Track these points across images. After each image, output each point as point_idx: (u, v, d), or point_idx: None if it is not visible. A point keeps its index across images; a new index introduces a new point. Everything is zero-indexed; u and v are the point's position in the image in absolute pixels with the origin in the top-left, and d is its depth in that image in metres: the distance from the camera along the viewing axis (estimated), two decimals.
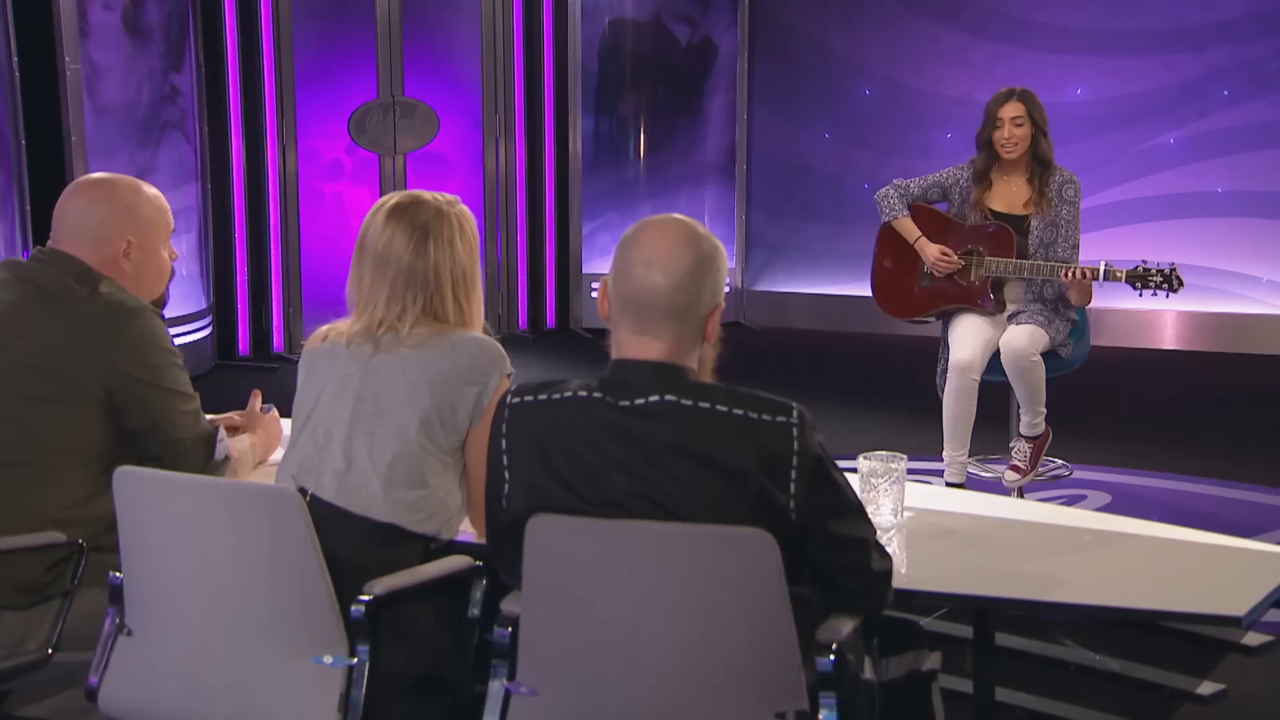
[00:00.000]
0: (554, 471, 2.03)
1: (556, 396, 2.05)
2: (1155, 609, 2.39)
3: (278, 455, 2.96)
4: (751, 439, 1.95)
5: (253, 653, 2.24)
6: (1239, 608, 2.22)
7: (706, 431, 1.96)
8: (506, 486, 2.10)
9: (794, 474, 1.96)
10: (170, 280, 2.82)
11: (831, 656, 1.96)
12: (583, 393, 2.03)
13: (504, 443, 2.10)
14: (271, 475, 2.59)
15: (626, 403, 1.99)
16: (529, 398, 2.08)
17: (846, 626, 2.02)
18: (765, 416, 1.96)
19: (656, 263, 2.01)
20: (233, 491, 2.31)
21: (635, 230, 2.07)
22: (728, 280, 9.40)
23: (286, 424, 3.01)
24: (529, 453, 2.05)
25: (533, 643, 2.06)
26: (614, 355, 2.07)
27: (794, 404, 1.99)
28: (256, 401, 3.04)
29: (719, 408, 1.97)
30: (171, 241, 2.80)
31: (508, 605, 2.14)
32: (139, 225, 2.70)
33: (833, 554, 2.04)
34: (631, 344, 2.04)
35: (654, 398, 1.98)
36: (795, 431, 1.96)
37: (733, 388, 2.01)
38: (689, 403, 1.97)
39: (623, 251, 2.06)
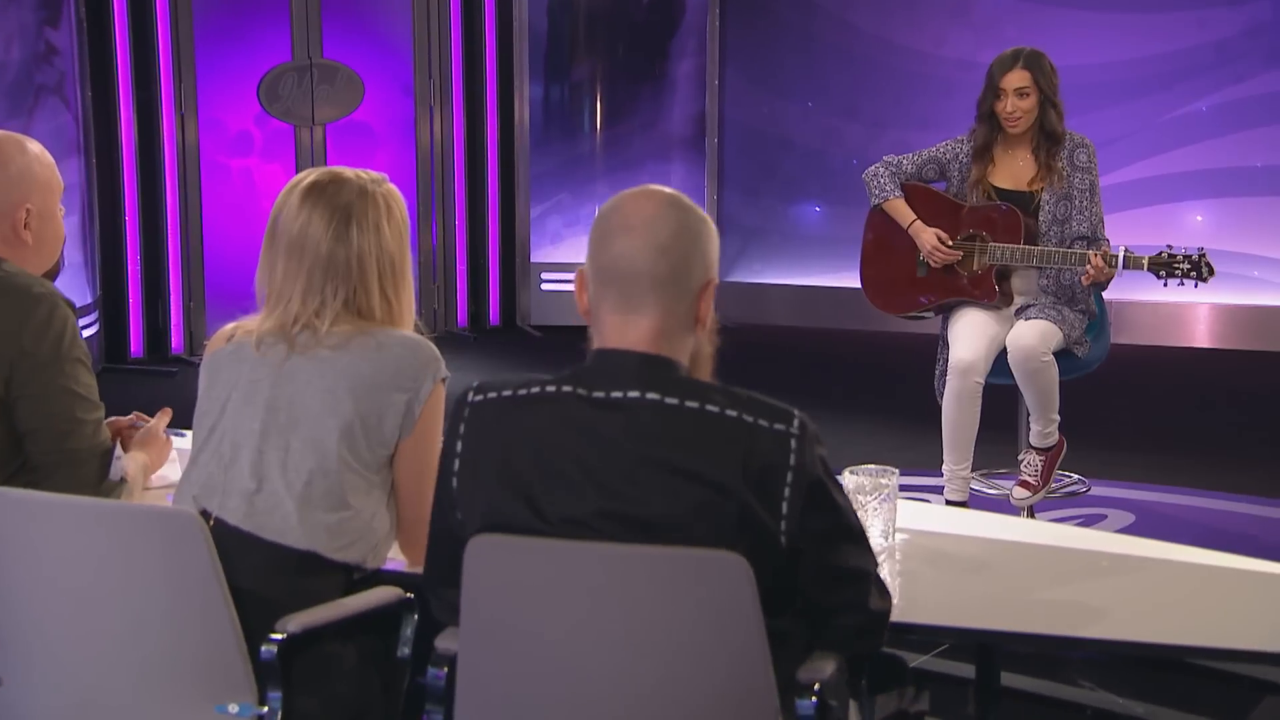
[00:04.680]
0: (515, 483, 2.03)
1: (523, 393, 2.06)
2: (1184, 644, 2.42)
3: (170, 476, 2.94)
4: (741, 446, 1.96)
5: (146, 702, 2.23)
6: (1278, 643, 2.25)
7: (689, 435, 1.97)
8: (458, 504, 2.10)
9: (787, 491, 1.97)
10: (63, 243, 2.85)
11: (813, 699, 1.98)
12: (551, 388, 2.04)
13: (459, 445, 2.09)
14: (161, 497, 2.58)
15: (601, 394, 2.01)
16: (492, 394, 2.08)
17: (830, 665, 2.04)
18: (761, 422, 1.98)
19: (638, 226, 2.03)
20: (123, 515, 2.30)
21: (612, 201, 2.09)
22: None
23: (179, 440, 3.00)
24: (489, 461, 2.05)
25: (472, 684, 2.07)
26: (595, 345, 2.07)
27: (796, 412, 2.00)
28: (164, 420, 3.00)
29: (708, 408, 1.98)
30: None
31: (444, 642, 2.14)
32: (36, 190, 2.73)
33: (826, 586, 2.05)
34: (615, 327, 2.04)
35: (633, 393, 1.99)
36: (793, 443, 1.98)
37: (728, 387, 2.02)
38: (674, 401, 1.99)
39: (600, 223, 2.08)
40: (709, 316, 2.07)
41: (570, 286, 9.36)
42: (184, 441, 3.01)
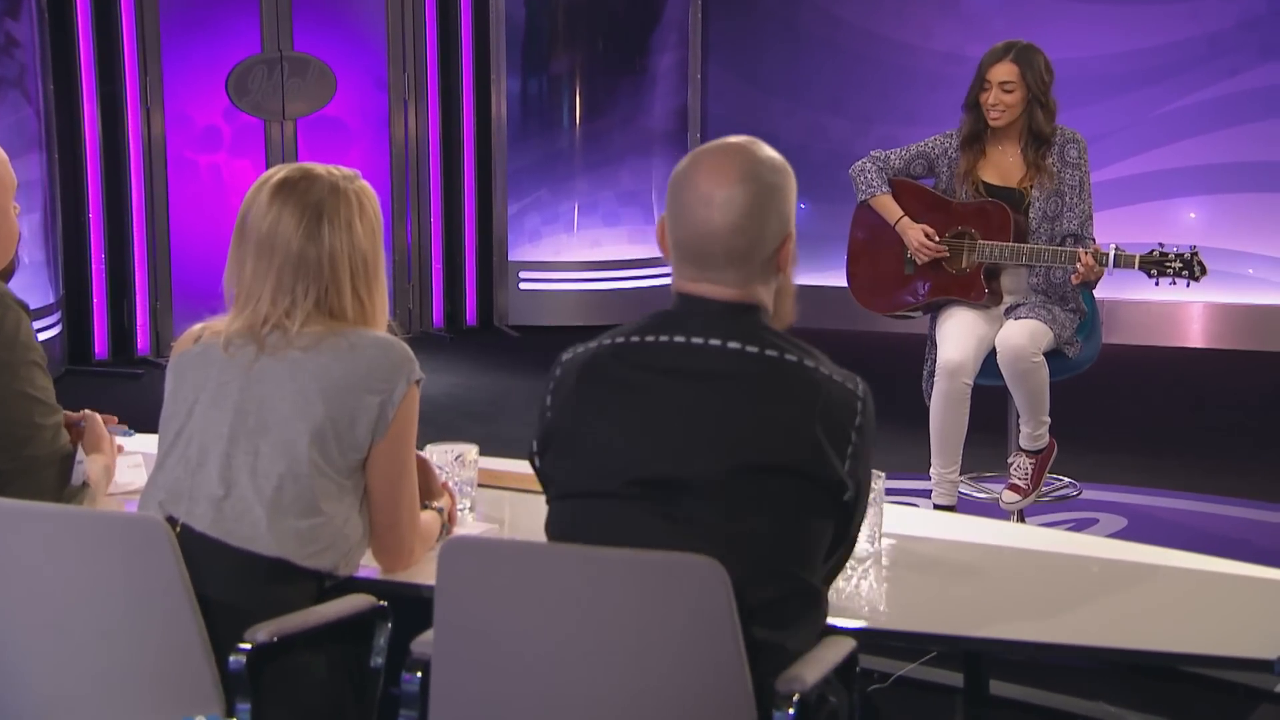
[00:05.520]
0: (593, 440, 2.12)
1: (608, 342, 2.16)
2: (1177, 651, 2.43)
3: (133, 482, 2.93)
4: (817, 396, 2.10)
5: (110, 714, 2.22)
6: (1273, 650, 2.26)
7: (768, 384, 2.09)
8: (540, 459, 2.20)
9: (850, 449, 2.11)
10: (19, 242, 2.82)
11: (791, 710, 1.99)
12: (635, 337, 2.15)
13: (549, 400, 2.20)
14: (119, 504, 2.58)
15: (683, 339, 2.11)
16: (580, 349, 2.20)
17: (812, 673, 2.05)
18: (835, 377, 2.14)
19: (713, 202, 2.12)
20: (87, 521, 2.29)
21: (687, 164, 2.17)
22: None
23: (142, 442, 2.99)
24: (572, 420, 2.15)
25: (446, 689, 2.07)
26: (676, 289, 2.19)
27: (858, 378, 2.19)
28: (99, 421, 2.98)
29: (787, 357, 2.12)
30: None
31: (419, 646, 2.16)
32: None
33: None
34: (694, 288, 2.16)
35: (715, 341, 2.11)
36: (859, 404, 2.14)
37: (804, 343, 2.17)
38: (754, 350, 2.11)
39: (675, 191, 2.16)
40: (789, 262, 2.19)
41: (550, 286, 9.38)
42: (134, 444, 3.00)
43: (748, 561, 2.01)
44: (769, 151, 2.18)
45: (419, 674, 2.13)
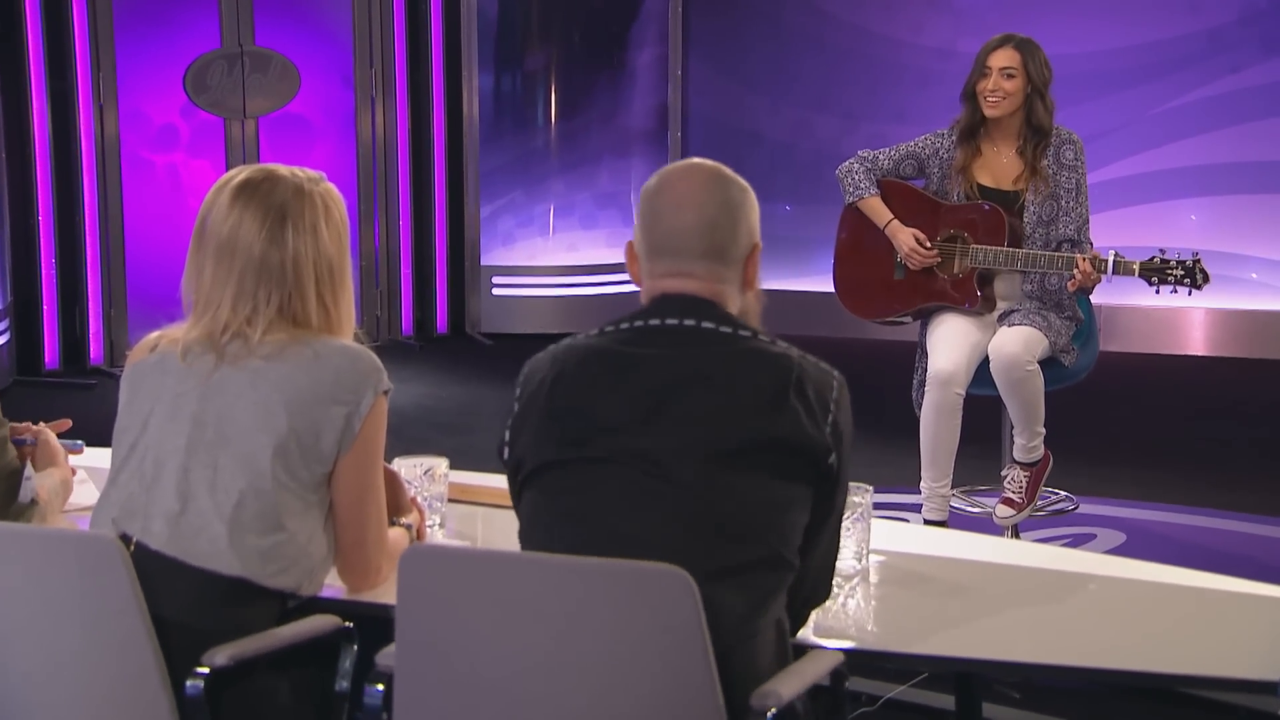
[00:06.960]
0: (566, 412, 2.21)
1: (579, 336, 2.29)
2: (1176, 673, 2.44)
3: (83, 499, 2.92)
4: (790, 372, 2.21)
5: None
6: (1275, 671, 2.27)
7: (740, 357, 2.21)
8: (510, 449, 2.29)
9: (831, 419, 2.21)
10: None
11: None
12: (610, 327, 2.28)
13: (515, 405, 2.29)
14: (71, 522, 2.57)
15: (657, 321, 2.25)
16: (548, 347, 2.29)
17: (789, 688, 2.06)
18: (809, 358, 2.26)
19: (687, 204, 2.29)
20: (36, 540, 2.29)
21: (656, 179, 2.34)
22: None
23: (94, 456, 2.98)
24: (546, 398, 2.23)
25: (409, 704, 2.10)
26: (646, 299, 2.32)
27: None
28: (45, 429, 2.96)
29: (760, 337, 2.25)
30: None
31: (384, 659, 2.18)
32: None
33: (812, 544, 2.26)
34: (668, 286, 2.29)
35: (689, 321, 2.24)
36: (835, 385, 2.25)
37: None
38: (728, 330, 2.24)
39: (648, 202, 2.33)
40: (756, 275, 2.34)
41: (524, 291, 9.36)
42: (86, 458, 2.99)
43: (722, 524, 2.13)
44: (733, 173, 2.35)
45: (383, 687, 2.15)
